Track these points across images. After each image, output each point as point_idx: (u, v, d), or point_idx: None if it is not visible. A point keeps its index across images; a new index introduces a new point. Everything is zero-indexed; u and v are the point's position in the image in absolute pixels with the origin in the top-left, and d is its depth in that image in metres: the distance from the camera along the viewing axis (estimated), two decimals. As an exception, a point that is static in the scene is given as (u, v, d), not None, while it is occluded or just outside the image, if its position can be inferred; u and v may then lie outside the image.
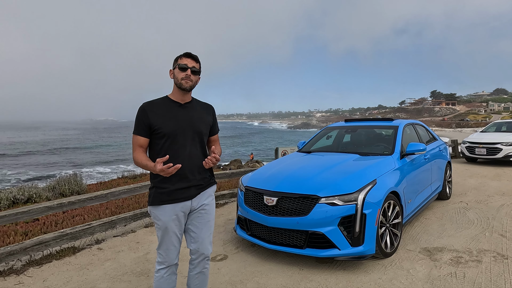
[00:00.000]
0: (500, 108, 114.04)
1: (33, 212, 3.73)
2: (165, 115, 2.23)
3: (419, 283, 3.11)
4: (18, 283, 3.32)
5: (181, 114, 2.27)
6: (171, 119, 2.23)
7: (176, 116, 2.25)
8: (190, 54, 2.28)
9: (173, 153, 2.20)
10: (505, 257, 3.62)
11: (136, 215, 4.79)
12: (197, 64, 2.29)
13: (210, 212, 2.40)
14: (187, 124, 2.27)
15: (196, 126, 2.30)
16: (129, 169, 21.76)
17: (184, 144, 2.25)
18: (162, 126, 2.20)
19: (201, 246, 2.38)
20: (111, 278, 3.40)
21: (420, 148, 4.43)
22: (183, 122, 2.26)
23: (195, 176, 2.30)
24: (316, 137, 5.59)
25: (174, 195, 2.24)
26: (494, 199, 6.13)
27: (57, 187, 8.04)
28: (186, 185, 2.26)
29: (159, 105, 2.26)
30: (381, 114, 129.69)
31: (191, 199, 2.30)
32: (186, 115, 2.29)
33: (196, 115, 2.33)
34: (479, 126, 64.83)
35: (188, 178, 2.27)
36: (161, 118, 2.22)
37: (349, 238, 3.29)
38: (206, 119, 2.39)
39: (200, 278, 2.46)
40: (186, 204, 2.29)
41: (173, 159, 2.17)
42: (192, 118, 2.30)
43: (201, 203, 2.35)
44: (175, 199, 2.24)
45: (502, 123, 12.55)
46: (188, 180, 2.27)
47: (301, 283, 3.17)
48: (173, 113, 2.25)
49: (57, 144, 61.80)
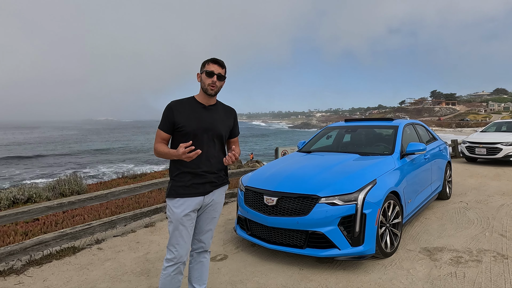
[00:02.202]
0: (500, 108, 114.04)
1: (33, 212, 3.73)
2: (189, 115, 2.37)
3: (419, 283, 3.11)
4: (18, 283, 3.32)
5: (205, 115, 2.41)
6: (194, 119, 2.37)
7: (200, 117, 2.39)
8: (216, 60, 2.40)
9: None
10: (505, 257, 3.62)
11: (136, 215, 4.79)
12: (222, 70, 2.41)
13: (217, 209, 2.54)
14: (209, 125, 2.40)
15: (217, 128, 2.43)
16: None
17: (204, 143, 2.38)
18: (185, 124, 2.34)
19: (203, 239, 2.53)
20: (111, 278, 3.40)
21: (420, 148, 4.43)
22: (205, 123, 2.39)
23: (211, 174, 2.43)
24: (316, 137, 5.59)
25: (189, 190, 2.36)
26: (494, 199, 6.13)
27: (57, 187, 8.04)
28: (201, 181, 2.39)
29: (185, 105, 2.39)
30: (381, 114, 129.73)
31: (204, 195, 2.42)
32: (209, 117, 2.42)
33: (219, 118, 2.47)
34: (479, 126, 64.83)
35: (204, 175, 2.40)
36: (185, 118, 2.35)
37: (349, 238, 3.29)
38: (227, 122, 2.53)
39: (200, 269, 2.59)
40: (199, 199, 2.40)
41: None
42: (214, 120, 2.44)
43: (212, 199, 2.48)
44: (190, 193, 2.36)
45: (502, 123, 12.55)
46: (204, 177, 2.40)
47: (301, 283, 3.17)
48: (197, 114, 2.39)
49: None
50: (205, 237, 2.54)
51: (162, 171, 13.19)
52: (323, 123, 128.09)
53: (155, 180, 5.18)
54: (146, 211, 4.94)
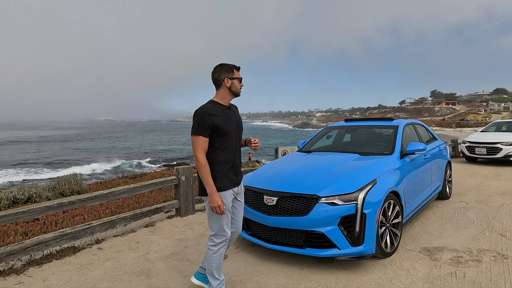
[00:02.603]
0: (500, 108, 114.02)
1: (33, 212, 3.73)
2: (223, 117, 2.65)
3: (419, 283, 3.11)
4: (18, 282, 3.32)
5: (232, 115, 2.74)
6: (227, 120, 2.67)
7: (229, 118, 2.71)
8: (239, 67, 2.75)
9: (229, 148, 2.69)
10: (505, 256, 3.62)
11: (136, 215, 4.79)
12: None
13: (243, 197, 2.93)
14: (236, 124, 2.76)
15: (241, 124, 2.83)
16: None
17: (235, 140, 2.75)
18: (224, 126, 2.63)
19: (238, 224, 2.91)
20: (111, 277, 3.40)
21: (420, 147, 4.43)
22: (234, 122, 2.74)
23: (240, 166, 2.83)
24: (316, 137, 5.59)
25: (231, 182, 2.72)
26: (494, 199, 6.13)
27: (57, 187, 8.05)
28: (236, 172, 2.78)
29: (216, 109, 2.65)
30: (381, 114, 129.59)
31: (238, 186, 2.81)
32: (234, 116, 2.77)
33: (238, 115, 2.84)
34: (479, 126, 64.82)
35: (238, 167, 2.80)
36: (221, 120, 2.63)
37: (349, 237, 3.29)
38: (240, 118, 2.90)
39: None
40: (235, 189, 2.79)
41: (229, 153, 2.69)
42: (237, 119, 2.80)
43: (240, 189, 2.87)
44: (231, 185, 2.72)
45: (502, 123, 12.56)
46: (238, 169, 2.80)
47: (301, 283, 3.17)
48: (227, 115, 2.69)
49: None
50: (239, 224, 2.92)
51: (162, 171, 13.19)
52: (323, 123, 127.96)
53: (155, 180, 5.18)
54: (146, 211, 4.93)
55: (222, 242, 2.73)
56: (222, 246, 2.73)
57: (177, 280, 3.32)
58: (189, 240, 4.42)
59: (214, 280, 2.77)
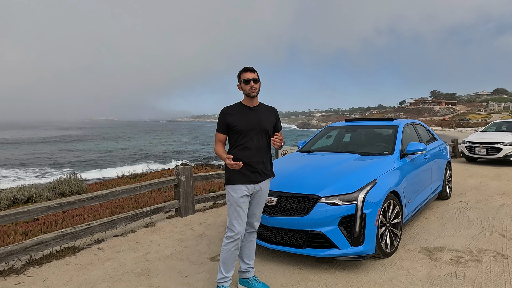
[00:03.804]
0: (500, 108, 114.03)
1: (33, 212, 3.73)
2: (239, 116, 2.87)
3: (419, 283, 3.11)
4: (18, 282, 3.32)
5: (252, 115, 2.90)
6: (243, 119, 2.86)
7: (248, 117, 2.88)
8: (247, 68, 2.88)
9: (245, 145, 2.85)
10: (505, 256, 3.62)
11: (136, 215, 4.79)
12: (255, 74, 2.88)
13: (264, 196, 3.00)
14: (256, 123, 2.88)
15: (262, 125, 2.91)
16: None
17: (253, 138, 2.87)
18: (237, 124, 2.83)
19: (253, 221, 3.01)
20: (111, 277, 3.40)
21: (420, 147, 4.43)
22: (253, 122, 2.87)
23: (260, 164, 2.90)
24: (316, 137, 5.59)
25: (244, 177, 2.83)
26: (494, 199, 6.14)
27: (57, 187, 8.05)
28: (253, 170, 2.86)
29: (234, 109, 2.91)
30: (381, 114, 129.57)
31: (255, 184, 2.88)
32: (255, 116, 2.90)
33: (263, 116, 2.94)
34: (479, 126, 64.81)
35: (254, 165, 2.87)
36: (235, 119, 2.85)
37: (349, 238, 3.29)
38: (271, 119, 2.99)
39: (250, 247, 3.07)
40: (251, 186, 2.87)
41: (244, 150, 2.85)
42: (260, 119, 2.91)
43: (260, 188, 2.93)
44: (244, 180, 2.83)
45: (502, 123, 12.56)
46: (254, 167, 2.87)
47: (301, 283, 3.17)
48: (245, 114, 2.88)
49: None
50: (255, 219, 3.01)
51: (162, 171, 13.19)
52: (323, 123, 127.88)
53: (155, 180, 5.18)
54: (146, 211, 4.94)
55: (231, 237, 2.82)
56: (230, 241, 2.83)
57: (177, 280, 3.32)
58: (189, 240, 4.42)
59: (219, 272, 2.92)
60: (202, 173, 6.03)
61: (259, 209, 3.01)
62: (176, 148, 50.87)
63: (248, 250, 3.08)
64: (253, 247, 3.10)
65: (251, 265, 3.11)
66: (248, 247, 3.07)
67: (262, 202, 3.01)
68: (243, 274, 3.10)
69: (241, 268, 3.11)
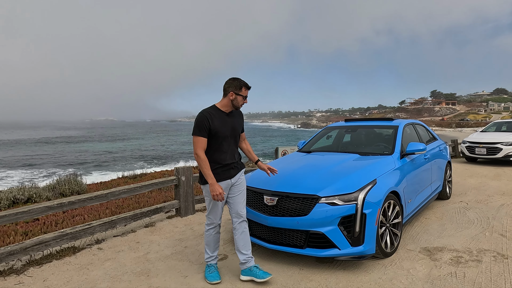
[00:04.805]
0: (500, 108, 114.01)
1: (33, 212, 3.73)
2: (220, 122, 3.08)
3: (419, 283, 3.11)
4: (18, 283, 3.32)
5: (229, 121, 3.15)
6: (224, 125, 3.09)
7: (226, 123, 3.12)
8: (249, 86, 3.16)
9: (222, 148, 3.11)
10: (505, 256, 3.62)
11: (136, 215, 4.79)
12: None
13: (242, 184, 3.28)
14: (232, 129, 3.16)
15: (237, 130, 3.22)
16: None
17: (229, 142, 3.17)
18: (219, 130, 3.06)
19: (239, 209, 3.22)
20: (111, 278, 3.40)
21: (420, 147, 4.42)
22: (230, 127, 3.14)
23: (233, 163, 3.20)
24: (316, 137, 5.59)
25: (220, 176, 3.11)
26: (494, 199, 6.14)
27: (57, 187, 8.04)
28: (227, 168, 3.15)
29: (215, 114, 3.08)
30: (381, 114, 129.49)
31: (231, 178, 3.18)
32: (231, 122, 3.16)
33: (236, 121, 3.21)
34: (479, 126, 64.81)
35: (229, 165, 3.17)
36: (218, 124, 3.06)
37: (349, 238, 3.29)
38: (241, 123, 3.30)
39: (244, 238, 3.23)
40: (228, 181, 3.17)
41: (222, 152, 3.11)
42: (234, 125, 3.18)
43: (237, 179, 3.23)
44: (221, 178, 3.11)
45: (502, 123, 12.56)
46: (229, 166, 3.17)
47: (301, 283, 3.17)
48: (224, 120, 3.11)
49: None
50: (240, 208, 3.23)
51: (162, 171, 13.19)
52: (323, 123, 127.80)
53: (155, 180, 5.18)
54: (146, 211, 4.93)
55: (209, 224, 3.26)
56: (210, 227, 3.27)
57: (177, 280, 3.32)
58: (189, 240, 4.42)
59: (205, 253, 3.35)
60: (202, 173, 6.03)
61: (240, 197, 3.25)
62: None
63: (243, 241, 3.22)
64: (247, 237, 3.25)
65: (249, 255, 3.24)
66: (242, 238, 3.22)
67: (242, 191, 3.27)
68: (244, 265, 3.23)
69: (241, 260, 3.23)
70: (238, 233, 3.22)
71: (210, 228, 3.27)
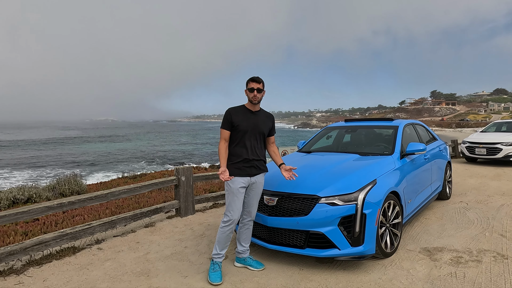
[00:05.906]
0: (500, 108, 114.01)
1: (33, 212, 3.73)
2: (241, 118, 3.29)
3: (419, 283, 3.11)
4: (18, 283, 3.32)
5: (252, 118, 3.33)
6: (245, 121, 3.29)
7: (248, 119, 3.31)
8: (254, 78, 3.29)
9: (243, 143, 3.29)
10: (505, 257, 3.62)
11: (136, 215, 4.79)
12: (260, 85, 3.29)
13: (260, 187, 3.43)
14: (254, 126, 3.32)
15: (259, 127, 3.36)
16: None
17: (250, 138, 3.31)
18: (240, 124, 3.27)
19: (251, 210, 3.44)
20: (111, 278, 3.40)
21: (420, 148, 4.42)
22: (252, 124, 3.31)
23: (256, 160, 3.33)
24: (316, 137, 5.59)
25: (241, 171, 3.26)
26: (494, 199, 6.14)
27: (57, 187, 8.04)
28: (249, 165, 3.30)
29: (238, 111, 3.33)
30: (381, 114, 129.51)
31: (251, 176, 3.31)
32: (255, 119, 3.34)
33: (261, 121, 3.38)
34: (479, 126, 64.80)
35: (251, 161, 3.30)
36: (239, 119, 3.28)
37: (349, 238, 3.29)
38: (267, 124, 3.45)
39: (247, 233, 3.53)
40: (247, 179, 3.30)
41: (243, 147, 3.29)
42: (258, 122, 3.35)
43: (256, 180, 3.36)
44: (241, 174, 3.26)
45: (502, 123, 12.56)
46: (251, 162, 3.30)
47: (301, 283, 3.17)
48: (247, 117, 3.32)
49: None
50: (252, 209, 3.43)
51: (162, 171, 13.19)
52: (323, 123, 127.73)
53: (155, 180, 5.18)
54: (146, 211, 4.93)
55: (226, 222, 3.27)
56: (226, 225, 3.27)
57: (177, 280, 3.32)
58: (189, 240, 4.42)
59: (214, 249, 3.38)
60: (202, 173, 6.03)
61: (255, 199, 3.41)
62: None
63: (245, 235, 3.52)
64: (250, 233, 3.54)
65: (247, 247, 3.56)
66: (245, 232, 3.51)
67: (258, 193, 3.42)
68: (240, 255, 3.56)
69: (238, 249, 3.55)
70: (244, 228, 3.49)
71: (225, 226, 3.29)
